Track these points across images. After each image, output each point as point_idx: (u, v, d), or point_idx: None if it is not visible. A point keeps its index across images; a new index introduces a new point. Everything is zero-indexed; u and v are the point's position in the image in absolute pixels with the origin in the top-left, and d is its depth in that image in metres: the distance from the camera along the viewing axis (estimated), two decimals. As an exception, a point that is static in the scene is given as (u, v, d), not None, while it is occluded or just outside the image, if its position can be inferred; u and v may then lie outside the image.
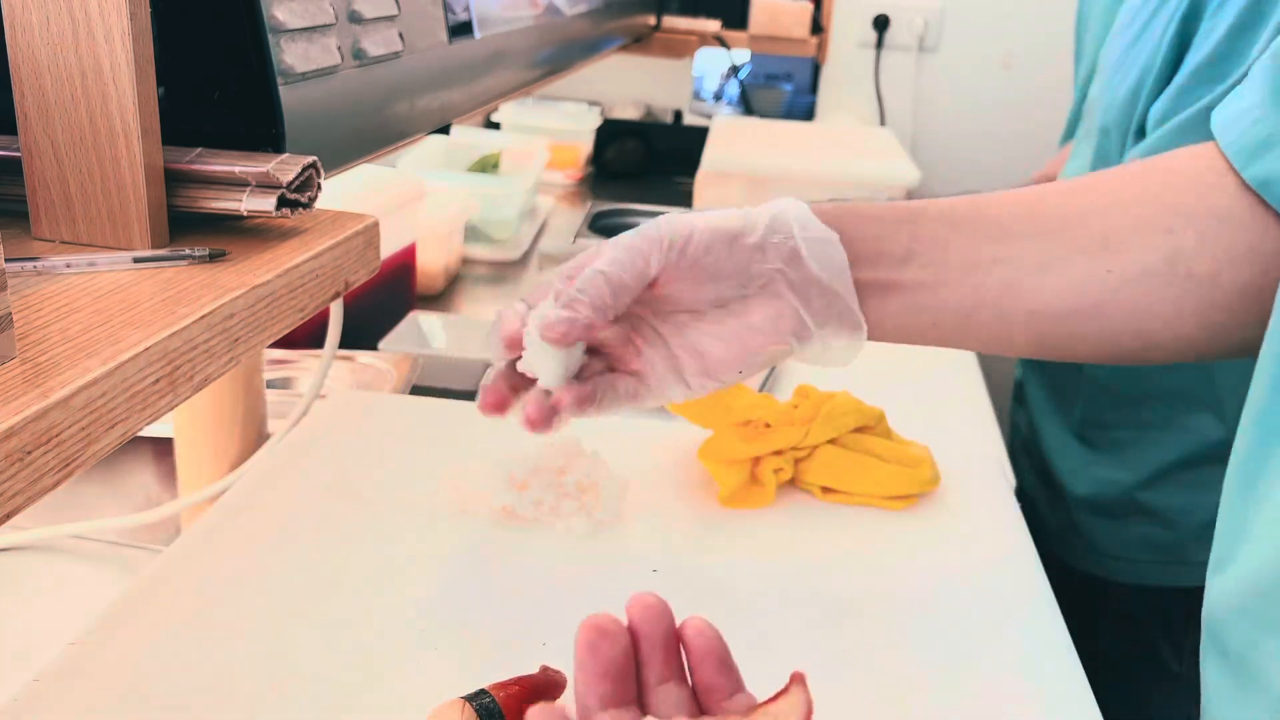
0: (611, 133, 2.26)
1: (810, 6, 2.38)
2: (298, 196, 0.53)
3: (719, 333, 0.56)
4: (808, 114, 2.58)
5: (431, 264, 1.45)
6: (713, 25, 2.35)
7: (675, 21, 2.32)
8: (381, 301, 1.29)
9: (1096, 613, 1.10)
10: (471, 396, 1.11)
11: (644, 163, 2.27)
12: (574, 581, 0.71)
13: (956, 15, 2.39)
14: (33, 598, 0.78)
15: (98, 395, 0.40)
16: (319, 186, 0.55)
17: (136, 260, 0.49)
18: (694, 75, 2.66)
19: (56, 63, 0.47)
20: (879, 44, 2.43)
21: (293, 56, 0.59)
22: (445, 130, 0.89)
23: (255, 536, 0.74)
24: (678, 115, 2.50)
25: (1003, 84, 2.39)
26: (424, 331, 1.26)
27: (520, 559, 0.73)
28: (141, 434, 0.46)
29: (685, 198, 1.80)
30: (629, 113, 2.45)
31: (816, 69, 2.53)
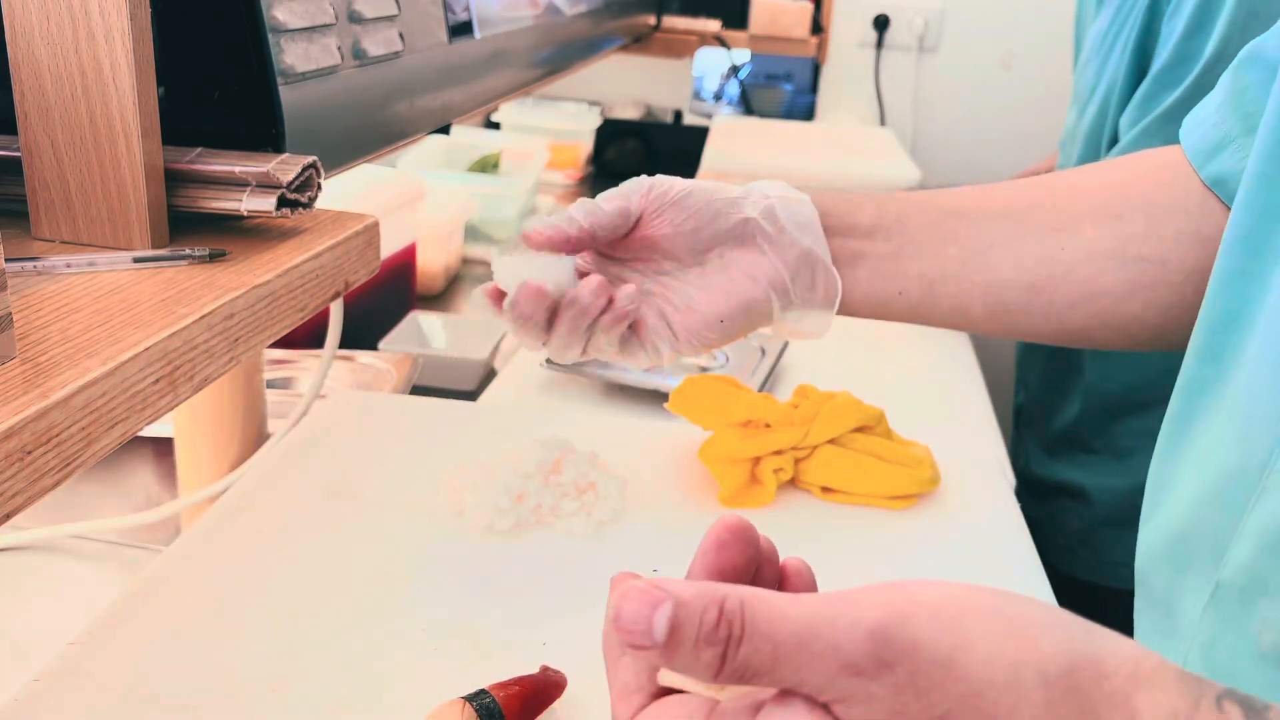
0: (611, 133, 2.26)
1: (810, 6, 2.38)
2: (298, 196, 0.53)
3: (703, 284, 0.60)
4: (808, 114, 2.58)
5: (431, 264, 1.45)
6: (713, 25, 2.35)
7: (675, 21, 2.32)
8: (381, 301, 1.29)
9: (1102, 621, 1.10)
10: (472, 396, 1.12)
11: (644, 163, 2.27)
12: (574, 581, 0.71)
13: (956, 15, 2.39)
14: (33, 598, 0.78)
15: (98, 395, 0.40)
16: (319, 186, 0.55)
17: (136, 260, 0.49)
18: (694, 75, 2.66)
19: (56, 63, 0.47)
20: (879, 44, 2.43)
21: (293, 56, 0.59)
22: (445, 130, 0.89)
23: (255, 536, 0.74)
24: (678, 115, 2.50)
25: (1003, 84, 2.39)
26: (424, 331, 1.26)
27: (520, 559, 0.73)
28: (141, 434, 0.46)
29: (685, 198, 1.80)
30: (629, 113, 2.45)
31: (816, 69, 2.53)
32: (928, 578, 0.31)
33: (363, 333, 1.18)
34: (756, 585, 0.39)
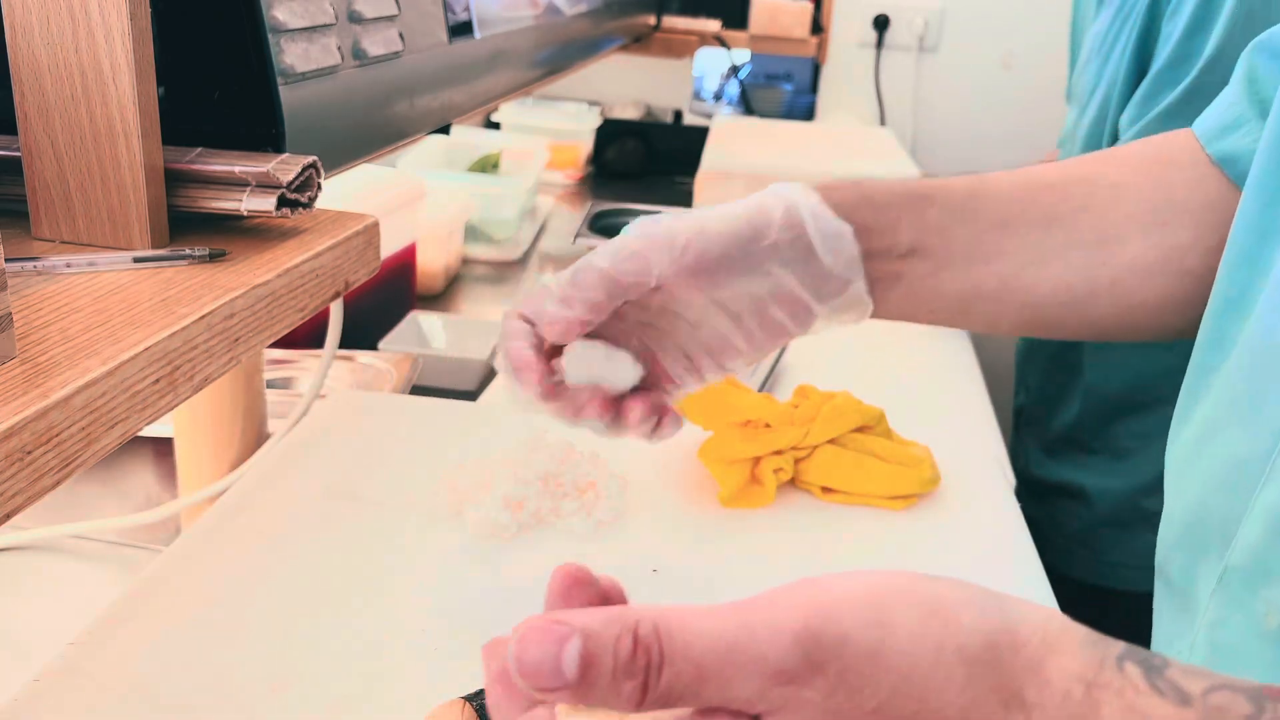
0: (611, 133, 2.26)
1: (810, 6, 2.38)
2: (298, 196, 0.53)
3: (732, 329, 0.55)
4: (808, 114, 2.58)
5: (431, 264, 1.45)
6: (713, 25, 2.35)
7: (675, 21, 2.32)
8: (381, 301, 1.29)
9: (1103, 623, 1.11)
10: (472, 396, 1.12)
11: (644, 163, 2.27)
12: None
13: (956, 15, 2.39)
14: (33, 598, 0.78)
15: (98, 395, 0.40)
16: (319, 186, 0.55)
17: (136, 260, 0.49)
18: (694, 75, 2.66)
19: (56, 63, 0.47)
20: (879, 44, 2.43)
21: (293, 56, 0.59)
22: (445, 130, 0.89)
23: (255, 536, 0.74)
24: (678, 115, 2.50)
25: (1003, 84, 2.39)
26: (424, 331, 1.26)
27: (520, 559, 0.73)
28: (141, 434, 0.46)
29: (685, 198, 1.80)
30: (629, 113, 2.45)
31: (816, 69, 2.53)
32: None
33: (363, 333, 1.18)
34: None
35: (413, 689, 0.60)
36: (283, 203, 0.52)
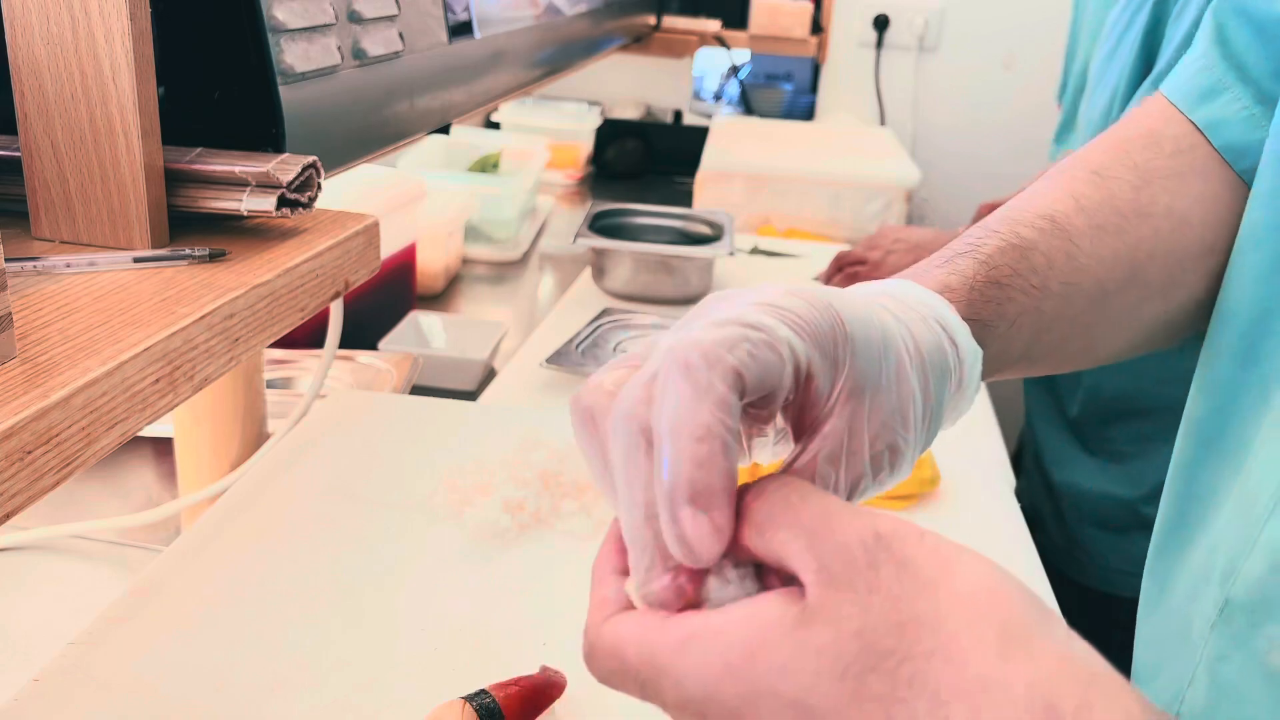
0: (611, 133, 2.26)
1: (810, 6, 2.38)
2: (298, 196, 0.53)
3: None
4: (808, 114, 2.58)
5: (431, 264, 1.45)
6: (713, 25, 2.35)
7: (675, 21, 2.32)
8: (381, 301, 1.29)
9: (1101, 627, 1.11)
10: (472, 396, 1.12)
11: (644, 163, 2.27)
12: (574, 581, 0.71)
13: (956, 15, 2.39)
14: (33, 598, 0.78)
15: (98, 395, 0.40)
16: (319, 186, 0.55)
17: (136, 260, 0.49)
18: (694, 75, 2.66)
19: (56, 63, 0.47)
20: (879, 44, 2.43)
21: (293, 56, 0.59)
22: (445, 130, 0.89)
23: (255, 536, 0.74)
24: (678, 115, 2.50)
25: (1003, 84, 2.39)
26: (424, 331, 1.26)
27: (520, 559, 0.73)
28: (141, 434, 0.46)
29: (685, 198, 1.80)
30: (629, 113, 2.45)
31: (816, 69, 2.53)
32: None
33: (363, 333, 1.18)
34: None
35: (413, 689, 0.60)
36: (283, 203, 0.52)
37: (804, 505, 0.32)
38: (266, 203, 0.52)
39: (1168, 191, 0.54)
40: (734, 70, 2.67)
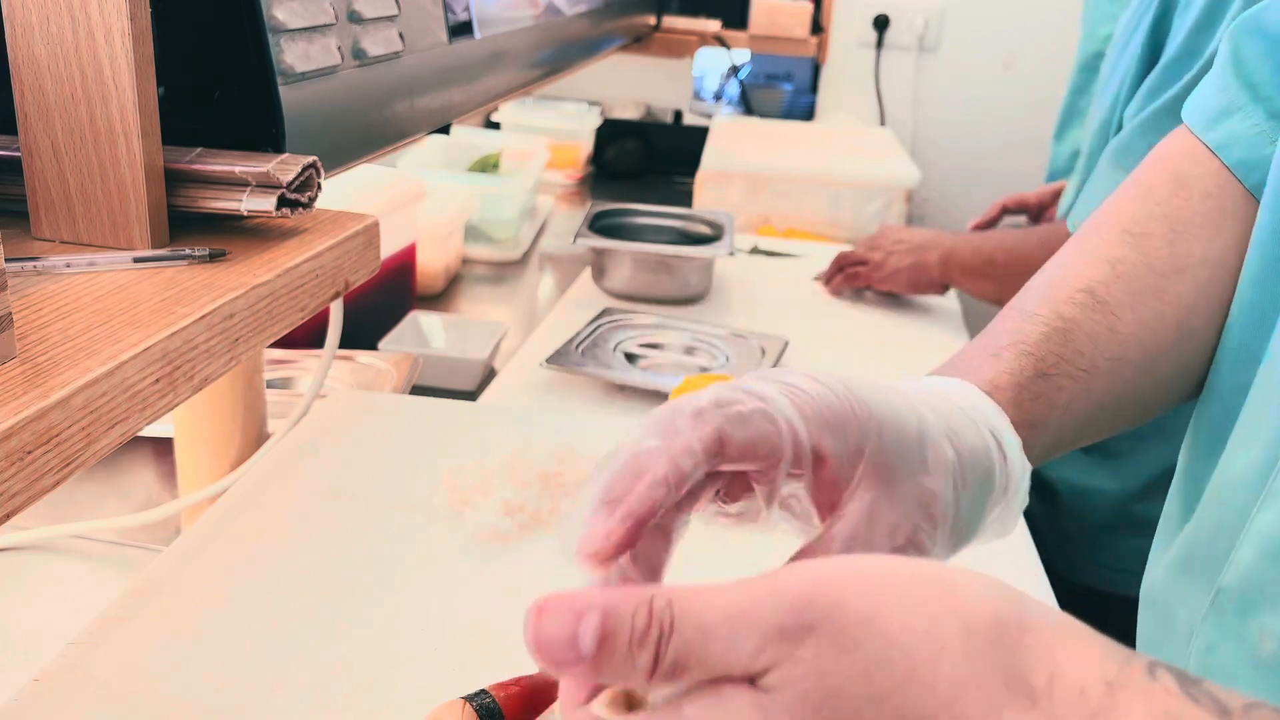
0: (611, 133, 2.26)
1: (810, 6, 2.38)
2: (298, 196, 0.53)
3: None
4: (808, 114, 2.58)
5: (431, 264, 1.45)
6: (713, 25, 2.35)
7: (675, 21, 2.32)
8: (381, 301, 1.29)
9: (1098, 626, 1.12)
10: (472, 396, 1.12)
11: (644, 163, 2.27)
12: (574, 581, 0.71)
13: (956, 15, 2.39)
14: (33, 598, 0.78)
15: (98, 395, 0.40)
16: (319, 186, 0.55)
17: (136, 260, 0.49)
18: (694, 75, 2.66)
19: (56, 63, 0.47)
20: (879, 44, 2.43)
21: (293, 56, 0.59)
22: (445, 130, 0.89)
23: (255, 536, 0.74)
24: (678, 115, 2.51)
25: (1003, 84, 2.40)
26: (424, 331, 1.26)
27: (520, 559, 0.73)
28: (141, 434, 0.46)
29: (685, 198, 1.80)
30: (629, 113, 2.45)
31: (816, 69, 2.53)
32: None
33: (363, 333, 1.18)
34: None
35: (413, 689, 0.60)
36: (283, 203, 0.52)
37: (709, 610, 0.29)
38: (266, 203, 0.52)
39: (1201, 241, 0.53)
40: (734, 70, 2.67)
